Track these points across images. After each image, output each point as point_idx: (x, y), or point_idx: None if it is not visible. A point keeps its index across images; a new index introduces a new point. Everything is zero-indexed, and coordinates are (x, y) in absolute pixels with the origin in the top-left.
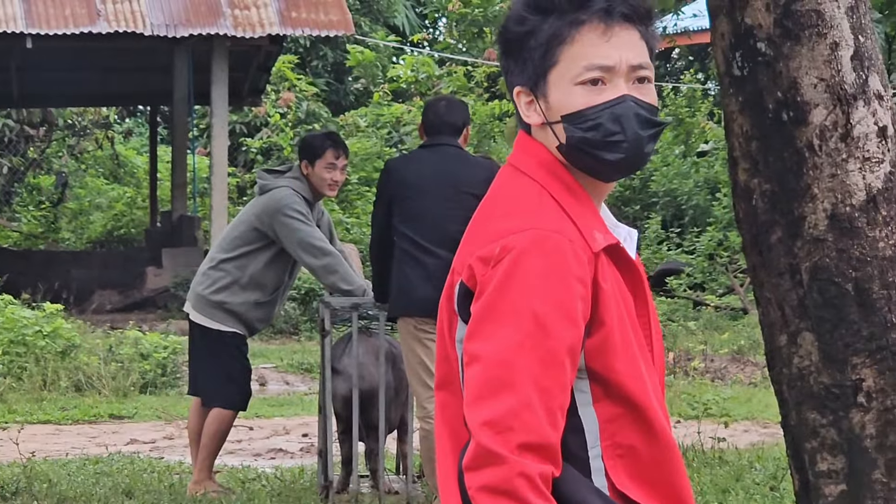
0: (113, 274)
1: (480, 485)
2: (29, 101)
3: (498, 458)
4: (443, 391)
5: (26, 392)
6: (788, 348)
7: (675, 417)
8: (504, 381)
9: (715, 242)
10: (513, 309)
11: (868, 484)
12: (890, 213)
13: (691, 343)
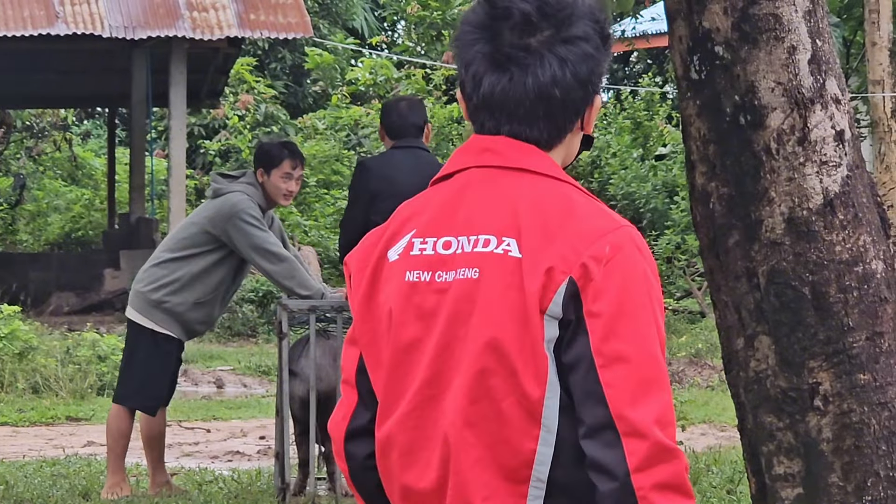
0: (70, 276)
1: (655, 482)
2: None
3: (671, 453)
4: (479, 405)
5: None
6: (745, 352)
7: None
8: (658, 379)
9: (673, 246)
10: (644, 308)
11: (824, 488)
12: (847, 218)
13: None
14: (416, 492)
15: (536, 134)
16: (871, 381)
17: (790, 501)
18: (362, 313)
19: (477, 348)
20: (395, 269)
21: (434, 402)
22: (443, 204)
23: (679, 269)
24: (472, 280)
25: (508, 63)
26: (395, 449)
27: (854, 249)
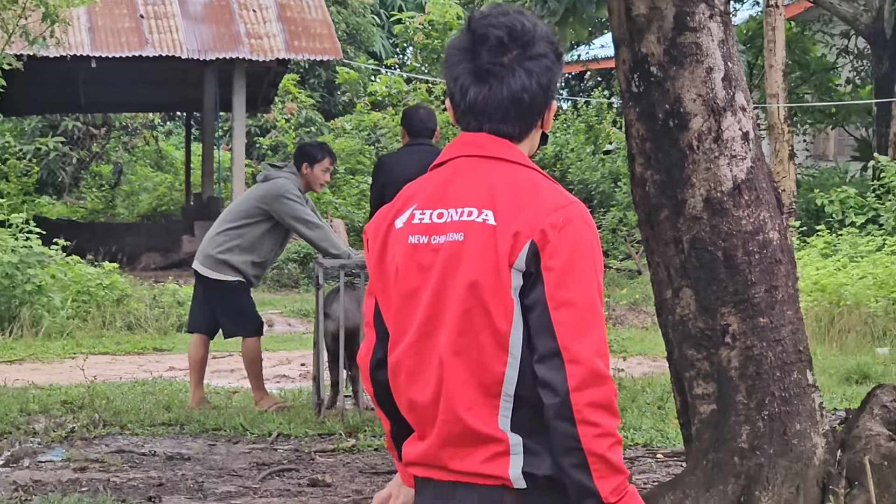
0: (156, 240)
1: (589, 401)
2: (93, 108)
3: (603, 379)
4: (464, 337)
5: (90, 330)
6: (672, 300)
7: None
8: (595, 321)
9: (616, 220)
10: (585, 269)
11: (732, 404)
12: (750, 198)
13: None
14: (418, 404)
15: (510, 130)
16: (769, 324)
17: (706, 415)
18: (376, 270)
19: (462, 293)
20: (400, 235)
21: (431, 335)
22: (438, 184)
23: (621, 238)
24: (458, 242)
25: (488, 76)
26: (403, 371)
27: (756, 222)
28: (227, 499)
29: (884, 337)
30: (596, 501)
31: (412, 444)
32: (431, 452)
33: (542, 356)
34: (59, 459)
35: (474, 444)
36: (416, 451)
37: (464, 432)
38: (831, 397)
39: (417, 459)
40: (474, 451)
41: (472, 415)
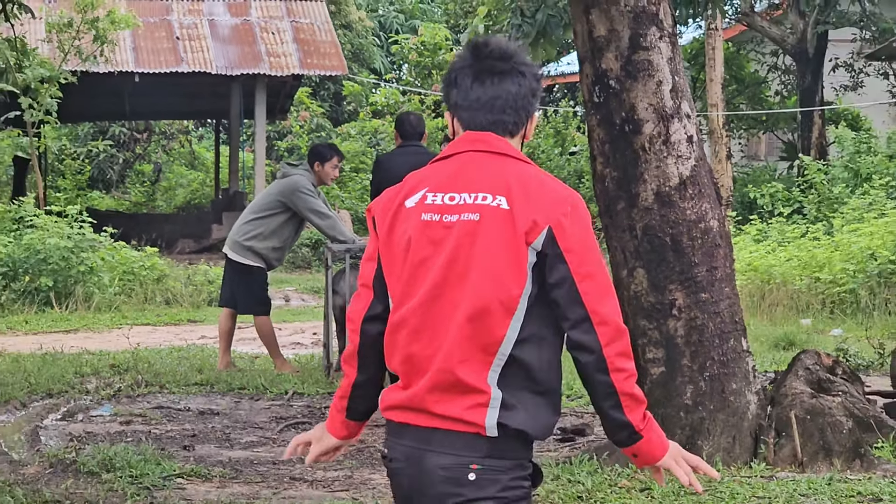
0: (190, 229)
1: (618, 352)
2: (136, 116)
3: (624, 332)
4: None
5: (134, 304)
6: (627, 279)
7: None
8: (611, 287)
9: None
10: (594, 245)
11: (679, 367)
12: (694, 192)
13: None
14: (416, 356)
15: (507, 119)
16: (710, 298)
17: (656, 376)
18: (385, 240)
19: (479, 264)
20: (411, 213)
21: (438, 299)
22: (449, 173)
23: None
24: (473, 221)
25: (491, 76)
26: (407, 327)
27: (699, 213)
28: (250, 447)
29: (807, 310)
30: (630, 430)
31: (394, 391)
32: (418, 397)
33: (575, 322)
34: (107, 414)
35: (460, 394)
36: (398, 398)
37: (453, 382)
38: (762, 361)
39: (400, 404)
40: (458, 400)
41: (464, 368)
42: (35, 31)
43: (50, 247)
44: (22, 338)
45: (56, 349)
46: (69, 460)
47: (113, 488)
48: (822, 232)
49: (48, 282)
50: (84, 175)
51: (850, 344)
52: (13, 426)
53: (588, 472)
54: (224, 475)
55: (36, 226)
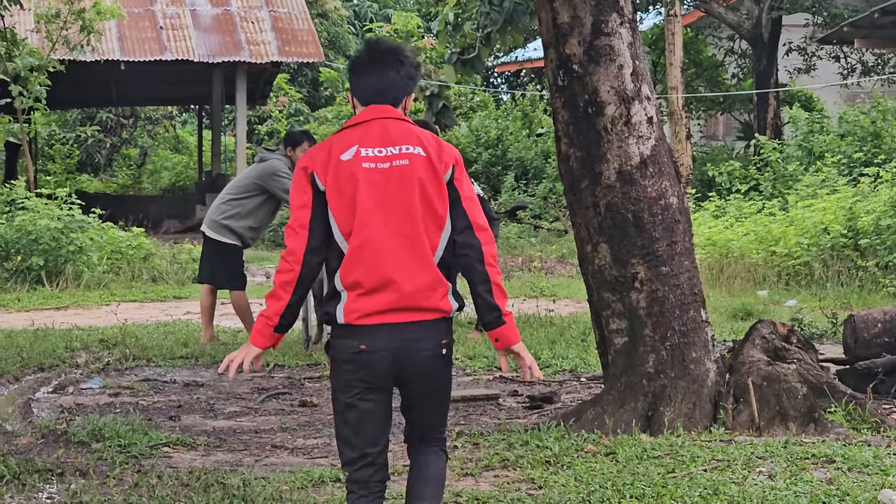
0: (175, 209)
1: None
2: (122, 102)
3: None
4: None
5: (122, 282)
6: (592, 253)
7: (521, 297)
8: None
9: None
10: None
11: (641, 337)
12: (654, 170)
13: (532, 251)
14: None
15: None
16: (670, 272)
17: (620, 346)
18: (332, 187)
19: (416, 196)
20: (349, 163)
21: (388, 223)
22: (372, 133)
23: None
24: (405, 165)
25: (380, 66)
26: (370, 246)
27: (659, 190)
28: (233, 417)
29: (763, 282)
30: (498, 314)
31: (369, 299)
32: (407, 297)
33: (461, 229)
34: (97, 387)
35: (435, 289)
36: (381, 301)
37: (433, 280)
38: (721, 331)
39: (383, 306)
40: (435, 293)
41: (434, 270)
42: (24, 22)
43: (41, 228)
44: (14, 315)
45: (47, 325)
46: (60, 431)
47: (102, 457)
48: (777, 208)
49: (39, 261)
50: (73, 159)
51: (805, 314)
52: (6, 399)
53: (555, 438)
54: (208, 444)
55: (27, 208)
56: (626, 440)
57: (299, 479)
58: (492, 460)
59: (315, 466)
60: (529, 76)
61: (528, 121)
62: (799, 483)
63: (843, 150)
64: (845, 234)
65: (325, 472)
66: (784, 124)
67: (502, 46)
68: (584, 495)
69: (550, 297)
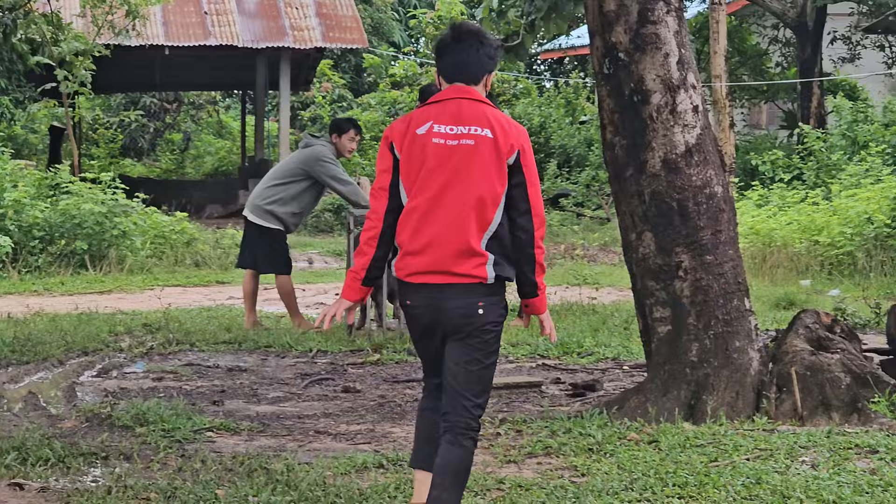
0: (218, 194)
1: (541, 235)
2: (166, 87)
3: (545, 224)
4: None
5: (164, 267)
6: (636, 242)
7: (563, 285)
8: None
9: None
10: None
11: (684, 326)
12: (699, 159)
13: (574, 239)
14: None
15: (473, 77)
16: (714, 260)
17: (663, 335)
18: (405, 156)
19: (478, 172)
20: (421, 137)
21: (446, 195)
22: (449, 110)
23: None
24: (470, 145)
25: (462, 47)
26: (418, 213)
27: (704, 179)
28: (276, 402)
29: (806, 271)
30: (535, 288)
31: (408, 260)
32: (440, 262)
33: (522, 212)
34: (140, 371)
35: (470, 257)
36: (421, 263)
37: (467, 250)
38: (764, 320)
39: (423, 269)
40: (469, 261)
41: (473, 240)
42: (70, 7)
43: (85, 212)
44: (58, 299)
45: (91, 309)
46: (104, 415)
47: (146, 441)
48: (820, 197)
49: (83, 245)
50: (117, 144)
51: (848, 304)
52: (51, 383)
53: (598, 426)
54: (252, 429)
55: (71, 192)
56: (669, 428)
57: (342, 465)
58: (535, 447)
59: (358, 452)
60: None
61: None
62: (842, 473)
63: (888, 140)
64: (889, 224)
65: (368, 457)
66: (828, 113)
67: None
68: (627, 483)
69: (593, 284)
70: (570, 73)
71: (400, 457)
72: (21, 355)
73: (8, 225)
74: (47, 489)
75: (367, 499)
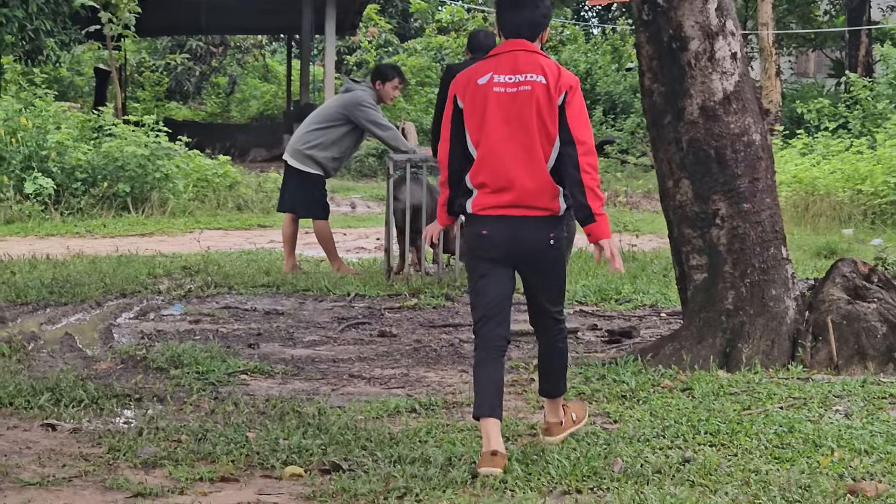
0: (262, 138)
1: (588, 161)
2: (212, 30)
3: (595, 152)
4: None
5: (207, 210)
6: (673, 189)
7: None
8: (588, 123)
9: (635, 124)
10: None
11: (720, 273)
12: (737, 107)
13: (618, 186)
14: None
15: (530, 34)
16: (751, 208)
17: (699, 282)
18: (469, 106)
19: (534, 116)
20: (482, 87)
21: (513, 137)
22: (506, 62)
23: (639, 139)
24: (527, 90)
25: (519, 6)
26: (488, 156)
27: (742, 126)
28: (312, 346)
29: (849, 220)
30: (588, 212)
31: (490, 197)
32: (520, 198)
33: (565, 142)
34: (178, 314)
35: (545, 192)
36: (501, 199)
37: (543, 185)
38: (804, 269)
39: (502, 203)
40: (545, 195)
41: (542, 177)
42: None
43: (127, 154)
44: (100, 241)
45: (131, 252)
46: (139, 357)
47: (180, 383)
48: (865, 146)
49: (125, 188)
50: (162, 87)
51: (890, 253)
52: (88, 324)
53: (632, 373)
54: (286, 372)
55: (114, 134)
56: (703, 376)
57: (375, 409)
58: (568, 394)
59: (391, 397)
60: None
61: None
62: (875, 422)
63: None
64: None
65: (401, 402)
66: (875, 62)
67: None
68: (659, 430)
69: (634, 231)
70: (618, 20)
71: (433, 401)
72: (59, 297)
73: (51, 167)
74: (79, 430)
75: (398, 443)
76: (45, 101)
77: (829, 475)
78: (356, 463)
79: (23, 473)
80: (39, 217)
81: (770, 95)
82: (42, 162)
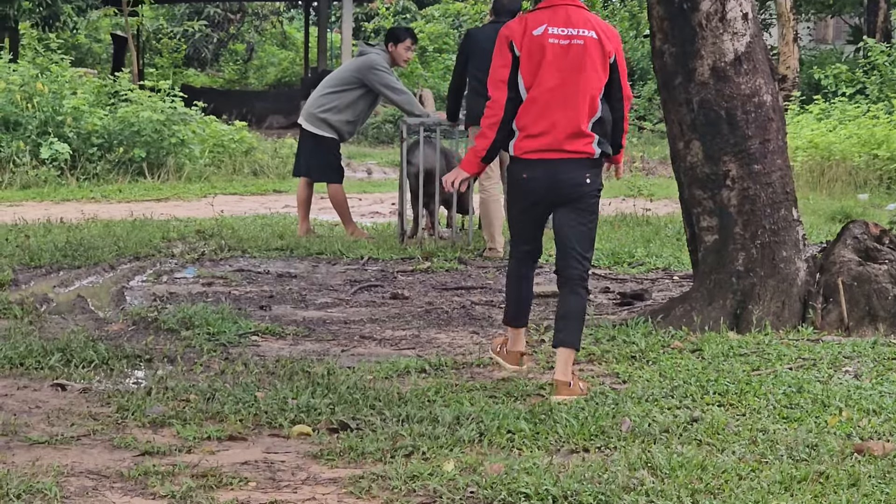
0: (280, 105)
1: (629, 109)
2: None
3: (630, 100)
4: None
5: (222, 175)
6: (684, 150)
7: (620, 196)
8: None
9: (652, 91)
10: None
11: (731, 235)
12: (748, 67)
13: (634, 151)
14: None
15: None
16: (762, 170)
17: (710, 244)
18: (525, 53)
19: (586, 67)
20: (538, 37)
21: (564, 85)
22: (560, 15)
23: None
24: (580, 45)
25: None
26: (540, 102)
27: (753, 87)
28: (324, 308)
29: (864, 185)
30: (619, 147)
31: (527, 142)
32: (558, 141)
33: (618, 98)
34: (190, 276)
35: (580, 138)
36: (536, 144)
37: (579, 132)
38: (818, 233)
39: (539, 148)
40: (579, 141)
41: (583, 124)
42: None
43: (143, 120)
44: (115, 205)
45: (146, 216)
46: (151, 318)
47: (191, 344)
48: (882, 112)
49: (141, 153)
50: (180, 53)
51: None
52: (101, 287)
53: (643, 334)
54: (297, 333)
55: (131, 100)
56: (713, 337)
57: (384, 369)
58: (578, 354)
59: (401, 357)
60: None
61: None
62: (884, 383)
63: None
64: None
65: (410, 362)
66: (894, 28)
67: None
68: (668, 390)
69: (648, 196)
70: None
71: (442, 362)
72: (73, 260)
73: (67, 132)
74: (89, 390)
75: (407, 402)
76: (61, 66)
77: (837, 434)
78: (364, 422)
79: (31, 432)
80: (55, 182)
81: (788, 61)
82: (58, 127)
